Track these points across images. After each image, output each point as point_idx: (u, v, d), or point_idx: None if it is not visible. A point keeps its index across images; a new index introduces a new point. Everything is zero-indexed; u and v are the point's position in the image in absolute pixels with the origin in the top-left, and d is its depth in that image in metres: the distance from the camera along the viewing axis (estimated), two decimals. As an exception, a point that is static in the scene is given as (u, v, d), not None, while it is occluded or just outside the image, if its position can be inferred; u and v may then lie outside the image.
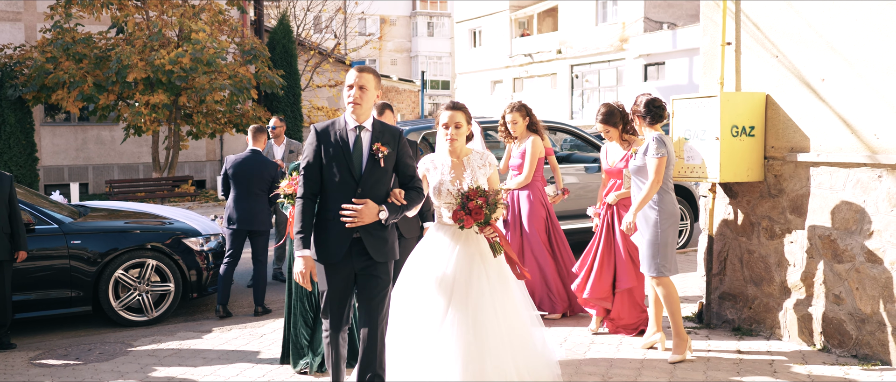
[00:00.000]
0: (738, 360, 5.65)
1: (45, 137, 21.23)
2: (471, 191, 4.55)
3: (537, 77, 37.82)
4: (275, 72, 19.10)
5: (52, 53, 17.37)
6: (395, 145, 4.36)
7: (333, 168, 4.25)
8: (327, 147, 4.28)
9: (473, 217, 4.51)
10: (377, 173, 4.28)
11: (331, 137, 4.30)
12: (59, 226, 7.37)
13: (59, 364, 6.19)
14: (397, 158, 4.38)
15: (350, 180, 4.24)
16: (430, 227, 4.88)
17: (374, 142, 4.29)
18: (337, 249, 4.28)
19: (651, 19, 30.83)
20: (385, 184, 4.34)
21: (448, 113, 4.72)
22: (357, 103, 4.28)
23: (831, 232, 5.70)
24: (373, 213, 4.21)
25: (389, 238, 4.40)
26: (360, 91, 4.28)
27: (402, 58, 54.86)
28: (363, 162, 4.27)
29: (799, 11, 5.84)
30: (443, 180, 4.68)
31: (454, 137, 4.69)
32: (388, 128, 4.40)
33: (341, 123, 4.34)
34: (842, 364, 5.49)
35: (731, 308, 6.50)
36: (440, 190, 4.67)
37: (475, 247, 4.67)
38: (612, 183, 6.43)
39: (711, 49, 6.49)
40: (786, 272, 6.04)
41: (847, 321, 5.63)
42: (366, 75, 4.32)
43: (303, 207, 4.28)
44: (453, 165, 4.74)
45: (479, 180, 4.73)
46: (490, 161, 4.80)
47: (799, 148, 5.91)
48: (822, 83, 5.72)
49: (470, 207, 4.49)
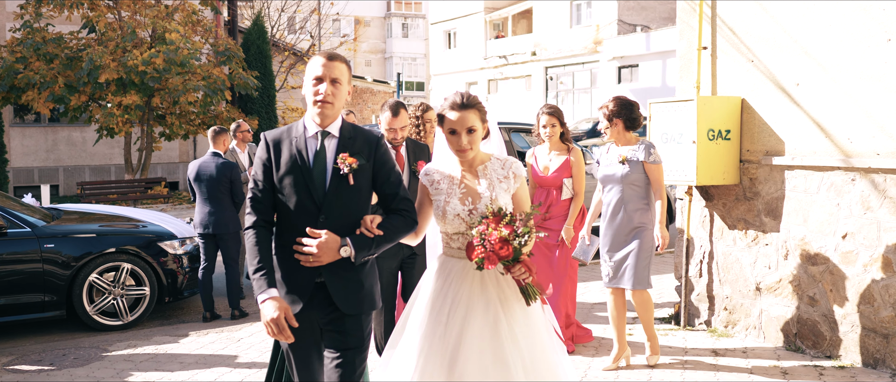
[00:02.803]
0: (714, 361, 5.71)
1: (15, 138, 20.93)
2: (491, 216, 3.22)
3: (512, 79, 37.96)
4: (249, 73, 18.99)
5: (21, 53, 17.13)
6: (369, 154, 3.26)
7: (288, 189, 3.21)
8: (280, 161, 3.24)
9: (498, 255, 3.14)
10: (346, 194, 3.20)
11: (285, 148, 3.25)
12: (31, 229, 7.27)
13: (32, 370, 6.10)
14: (374, 171, 3.28)
15: (310, 204, 3.18)
16: (436, 257, 3.57)
17: (340, 152, 3.21)
18: (296, 294, 3.23)
19: (625, 22, 31.07)
20: (358, 207, 3.25)
21: (456, 114, 3.33)
22: (327, 102, 3.19)
23: (806, 235, 5.78)
24: (332, 249, 3.10)
25: (366, 281, 3.28)
26: (333, 86, 3.21)
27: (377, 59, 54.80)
28: (326, 179, 3.20)
29: (774, 16, 5.92)
30: (449, 199, 3.38)
31: (466, 147, 3.34)
32: (362, 132, 3.31)
33: (299, 128, 3.28)
34: (816, 364, 5.57)
35: (707, 310, 6.56)
36: (446, 213, 3.35)
37: (496, 291, 3.36)
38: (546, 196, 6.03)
39: (688, 53, 6.55)
40: (761, 274, 6.11)
41: (821, 322, 5.71)
42: (338, 65, 3.23)
43: (255, 238, 3.24)
44: (464, 177, 3.42)
45: (500, 198, 3.37)
46: (515, 171, 3.44)
47: (774, 152, 5.99)
48: (797, 87, 5.80)
49: (491, 240, 3.16)
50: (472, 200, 3.38)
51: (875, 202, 5.33)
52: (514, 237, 3.16)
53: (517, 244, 3.16)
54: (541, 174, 6.06)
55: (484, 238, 3.18)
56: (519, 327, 3.33)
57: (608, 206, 5.53)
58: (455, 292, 3.39)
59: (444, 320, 3.36)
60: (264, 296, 3.17)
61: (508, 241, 3.16)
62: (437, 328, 3.37)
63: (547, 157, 6.10)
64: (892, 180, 5.22)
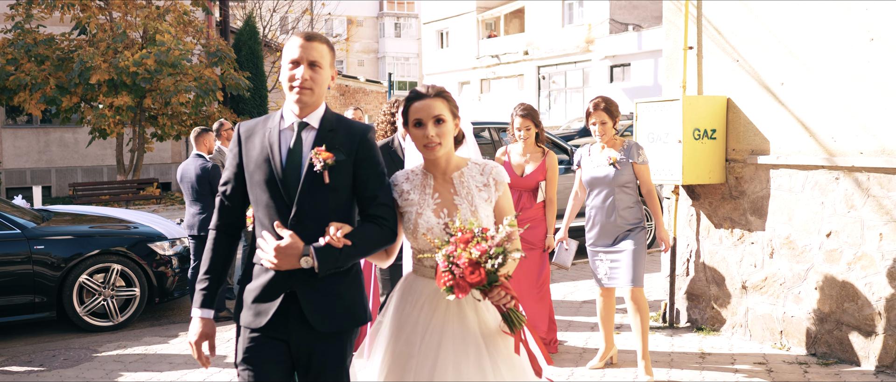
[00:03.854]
0: (700, 359, 5.75)
1: (7, 139, 20.89)
2: (463, 233, 2.71)
3: (504, 78, 38.00)
4: (241, 74, 18.98)
5: (13, 55, 17.09)
6: (350, 149, 2.83)
7: (258, 186, 2.85)
8: (251, 154, 2.88)
9: (469, 282, 2.64)
10: (321, 194, 2.79)
11: (257, 140, 2.89)
12: (21, 231, 7.27)
13: (22, 371, 6.12)
14: (356, 169, 2.85)
15: (281, 205, 2.80)
16: (405, 276, 3.11)
17: (317, 145, 2.82)
18: (262, 304, 2.82)
19: (616, 21, 31.14)
20: (339, 209, 2.83)
21: (420, 103, 2.92)
22: (306, 88, 2.80)
23: (791, 233, 5.82)
24: (292, 256, 2.70)
25: (346, 293, 2.85)
26: (312, 70, 2.80)
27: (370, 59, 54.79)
28: (300, 175, 2.80)
29: (759, 16, 5.96)
30: (421, 211, 2.92)
31: (434, 140, 2.88)
32: (346, 124, 2.91)
33: (275, 119, 2.91)
34: (801, 362, 5.62)
35: (694, 308, 6.61)
36: (417, 227, 2.90)
37: (476, 319, 2.88)
38: (518, 199, 5.83)
39: (674, 53, 6.60)
40: (747, 273, 6.16)
41: (806, 319, 5.76)
42: (317, 46, 2.82)
43: (210, 243, 2.93)
44: (438, 186, 2.96)
45: (481, 208, 2.92)
46: (496, 176, 2.99)
47: (759, 151, 6.03)
48: (782, 87, 5.85)
49: (462, 264, 2.64)
50: (448, 212, 2.90)
51: (859, 201, 5.38)
52: (486, 259, 2.64)
53: (491, 266, 2.63)
54: (516, 175, 5.84)
55: (451, 262, 2.66)
56: (504, 363, 2.84)
57: (597, 208, 5.40)
58: (427, 320, 2.88)
59: (414, 353, 2.85)
60: (194, 313, 2.92)
61: (480, 264, 2.63)
62: (408, 364, 2.87)
63: (522, 157, 5.89)
64: (876, 179, 5.28)
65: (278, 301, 2.80)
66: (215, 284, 2.93)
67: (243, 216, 2.99)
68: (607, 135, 5.37)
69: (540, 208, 5.90)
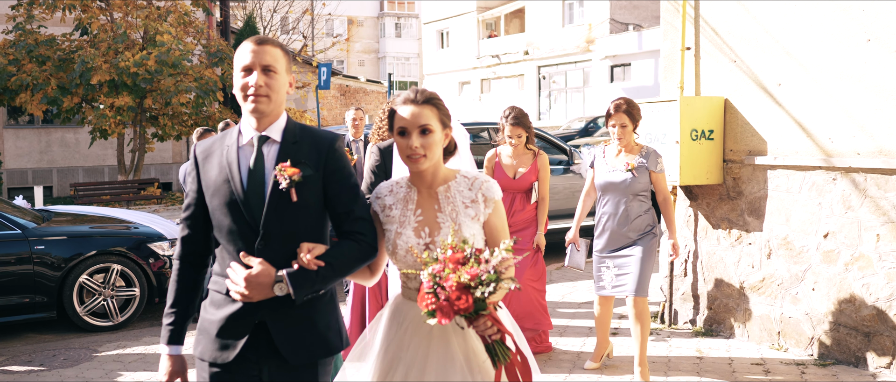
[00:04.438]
0: (698, 360, 5.77)
1: (9, 139, 20.93)
2: (451, 253, 2.45)
3: (505, 78, 38.03)
4: (241, 74, 18.98)
5: (14, 55, 17.13)
6: (318, 161, 2.60)
7: (219, 210, 2.62)
8: (210, 176, 2.65)
9: (454, 307, 2.39)
10: (289, 214, 2.57)
11: (215, 160, 2.66)
12: (22, 231, 7.30)
13: (23, 371, 6.14)
14: (325, 184, 2.61)
15: (245, 228, 2.57)
16: (393, 298, 2.89)
17: (281, 160, 2.58)
18: (229, 338, 2.62)
19: (617, 21, 31.16)
20: (309, 228, 2.61)
21: (406, 110, 2.66)
22: (261, 95, 2.56)
23: (788, 234, 5.84)
24: (264, 284, 2.50)
25: (320, 320, 2.64)
26: (266, 75, 2.57)
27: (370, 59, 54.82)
28: (265, 195, 2.57)
29: (756, 17, 5.98)
30: (401, 229, 2.69)
31: (418, 151, 2.63)
32: (311, 134, 2.67)
33: (233, 135, 2.68)
34: (799, 363, 5.64)
35: (692, 309, 6.63)
36: (397, 247, 2.68)
37: (462, 347, 2.64)
38: (511, 201, 5.79)
39: (672, 53, 6.62)
40: (745, 273, 6.18)
41: (803, 320, 5.77)
42: (271, 50, 2.59)
43: (175, 275, 2.74)
44: (421, 201, 2.72)
45: (466, 227, 2.66)
46: (486, 192, 2.71)
47: (757, 151, 6.05)
48: (779, 88, 5.86)
49: (447, 287, 2.40)
50: (430, 231, 2.66)
51: (856, 202, 5.39)
52: (477, 285, 2.37)
53: (480, 294, 2.37)
54: (508, 178, 5.77)
55: (437, 283, 2.40)
56: None
57: (610, 215, 5.24)
58: (408, 344, 2.66)
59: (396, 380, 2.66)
60: (162, 350, 2.72)
61: (469, 289, 2.37)
62: None
63: (512, 159, 5.81)
64: (873, 180, 5.29)
65: (246, 333, 2.59)
66: (182, 318, 2.73)
67: (209, 244, 2.74)
68: (626, 139, 5.15)
69: (533, 209, 5.86)
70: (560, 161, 10.24)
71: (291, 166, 2.55)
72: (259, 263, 2.52)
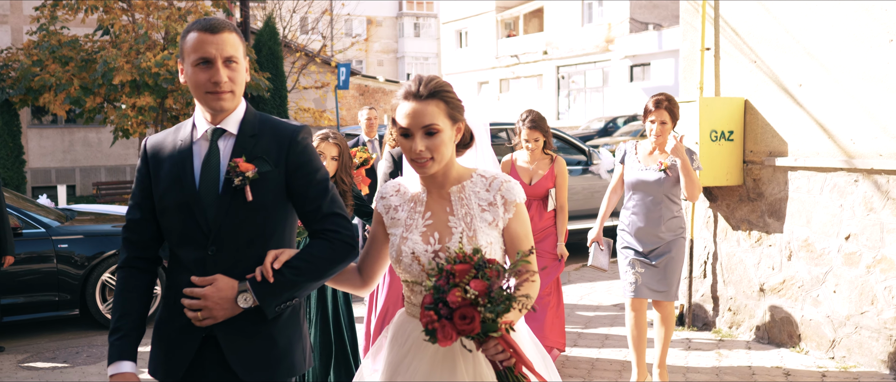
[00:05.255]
0: (717, 361, 5.75)
1: (32, 139, 21.17)
2: (458, 263, 2.10)
3: (523, 78, 37.98)
4: (261, 74, 19.12)
5: (38, 56, 17.34)
6: (279, 155, 2.34)
7: (169, 212, 2.35)
8: (161, 174, 2.37)
9: (457, 328, 2.02)
10: (245, 215, 2.30)
11: (167, 157, 2.38)
12: (46, 230, 7.39)
13: (46, 367, 6.22)
14: (289, 180, 2.35)
15: (196, 233, 2.30)
16: (397, 314, 2.52)
17: (236, 155, 2.32)
18: (178, 356, 2.37)
19: (636, 20, 31.03)
20: (270, 231, 2.34)
21: (407, 107, 2.29)
22: (225, 92, 2.30)
23: (809, 236, 5.81)
24: (227, 298, 2.24)
25: (281, 336, 2.35)
26: (230, 68, 2.31)
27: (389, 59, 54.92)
28: (217, 194, 2.30)
29: (776, 17, 5.95)
30: (407, 234, 2.37)
31: (424, 155, 2.28)
32: (272, 125, 2.40)
33: (186, 129, 2.41)
34: (819, 365, 5.60)
35: (711, 310, 6.60)
36: (401, 254, 2.34)
37: (470, 371, 2.28)
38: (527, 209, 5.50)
39: (691, 54, 6.60)
40: (765, 275, 6.15)
41: (825, 323, 5.74)
42: (229, 37, 2.31)
43: (121, 284, 2.43)
44: (431, 203, 2.40)
45: (481, 234, 2.32)
46: (506, 194, 2.35)
47: (777, 152, 6.02)
48: (800, 88, 5.83)
49: (451, 303, 2.03)
50: (440, 237, 2.32)
51: (878, 204, 5.35)
52: (487, 301, 2.01)
53: (492, 313, 2.00)
54: (524, 184, 5.51)
55: (439, 298, 2.04)
56: None
57: (641, 214, 4.97)
58: (408, 368, 2.34)
59: None
60: (112, 370, 2.34)
61: (477, 306, 2.00)
62: None
63: (529, 164, 5.60)
64: (895, 182, 5.25)
65: (195, 348, 2.32)
66: (134, 333, 2.38)
67: (157, 248, 2.46)
68: (664, 136, 4.89)
69: (551, 217, 5.61)
70: (579, 162, 10.23)
71: (246, 162, 2.31)
72: (217, 278, 2.25)
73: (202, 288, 2.25)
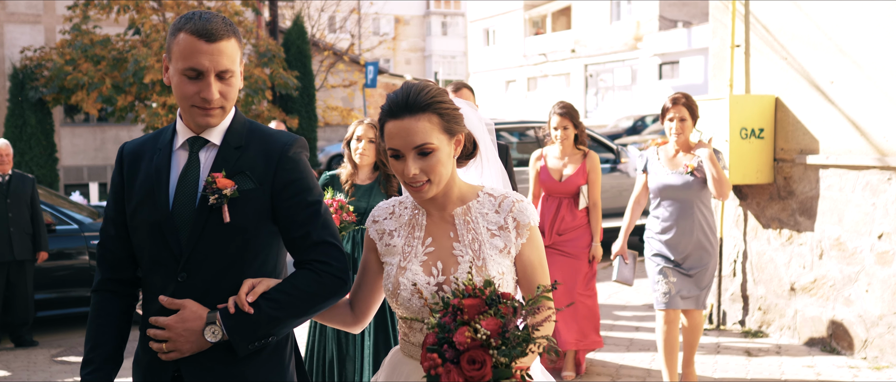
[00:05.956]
0: (747, 361, 5.70)
1: (65, 137, 21.49)
2: (467, 297, 1.81)
3: (551, 76, 37.85)
4: (289, 73, 19.25)
5: (71, 55, 17.60)
6: (265, 172, 2.05)
7: (141, 230, 2.08)
8: (134, 186, 2.11)
9: (465, 372, 1.74)
10: (222, 238, 2.02)
11: (143, 167, 2.11)
12: (78, 226, 7.51)
13: (79, 362, 6.31)
14: (275, 201, 2.06)
15: (166, 253, 2.03)
16: (391, 353, 2.21)
17: (217, 169, 2.04)
18: None
19: (666, 18, 30.79)
20: (250, 258, 2.06)
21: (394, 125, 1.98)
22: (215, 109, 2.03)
23: (841, 234, 5.74)
24: (193, 330, 1.97)
25: (256, 376, 2.06)
26: (222, 82, 2.02)
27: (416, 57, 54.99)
28: (192, 212, 2.02)
29: (808, 14, 5.88)
30: (405, 264, 2.06)
31: (419, 179, 1.97)
32: (261, 136, 2.12)
33: (166, 135, 2.14)
34: (851, 365, 5.53)
35: (740, 310, 6.55)
36: (398, 286, 2.03)
37: None
38: (557, 207, 5.30)
39: (721, 51, 6.54)
40: (795, 274, 6.08)
41: (856, 323, 5.66)
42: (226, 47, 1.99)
43: (94, 309, 2.16)
44: (430, 227, 2.09)
45: (491, 263, 2.01)
46: (518, 215, 2.04)
47: (808, 150, 5.95)
48: (832, 86, 5.76)
49: (459, 344, 1.74)
50: (444, 266, 2.01)
51: (911, 202, 5.28)
52: (500, 343, 1.73)
53: (506, 357, 1.72)
54: (554, 180, 5.32)
55: (445, 338, 1.76)
56: None
57: (671, 222, 4.73)
58: None
59: None
60: None
61: (489, 349, 1.73)
62: None
63: (559, 160, 5.34)
64: (929, 180, 5.17)
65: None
66: (106, 366, 2.11)
67: (135, 268, 2.17)
68: (685, 135, 4.68)
69: (583, 215, 5.35)
70: (607, 160, 10.19)
71: (227, 178, 2.01)
72: (185, 305, 1.98)
73: (163, 319, 1.98)
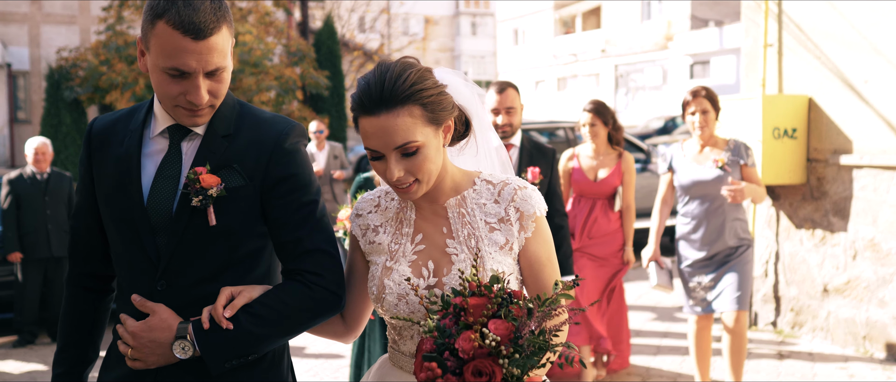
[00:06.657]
0: (779, 363, 5.65)
1: (99, 136, 21.84)
2: (472, 296, 1.55)
3: (581, 76, 37.72)
4: (320, 73, 19.39)
5: (105, 56, 17.87)
6: (256, 167, 1.78)
7: (111, 226, 1.83)
8: (104, 174, 1.83)
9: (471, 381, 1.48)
10: (206, 242, 1.76)
11: (112, 150, 1.82)
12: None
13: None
14: (265, 199, 1.79)
15: (141, 257, 1.78)
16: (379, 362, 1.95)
17: (200, 163, 1.76)
18: None
19: (697, 17, 30.55)
20: (237, 264, 1.80)
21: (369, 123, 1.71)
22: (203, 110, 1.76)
23: (875, 235, 5.67)
24: (161, 342, 1.71)
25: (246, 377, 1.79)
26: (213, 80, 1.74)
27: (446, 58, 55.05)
28: (171, 212, 1.76)
29: (842, 13, 5.82)
30: (391, 263, 1.80)
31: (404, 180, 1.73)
32: (253, 122, 1.83)
33: (140, 115, 1.84)
34: (886, 368, 5.47)
35: (773, 311, 6.49)
36: (383, 289, 1.79)
37: None
38: (590, 209, 5.07)
39: (753, 50, 6.49)
40: (829, 275, 6.02)
41: (891, 324, 5.59)
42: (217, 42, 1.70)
43: (66, 304, 1.95)
44: (420, 222, 1.83)
45: (491, 260, 1.75)
46: (519, 205, 1.78)
47: (842, 150, 5.89)
48: (866, 85, 5.69)
49: (462, 351, 1.48)
50: (436, 266, 1.76)
51: (947, 203, 5.20)
52: (512, 351, 1.48)
53: (518, 368, 1.48)
54: (588, 181, 5.09)
55: (445, 344, 1.51)
56: None
57: (701, 219, 4.54)
58: None
59: None
60: None
61: (498, 358, 1.48)
62: None
63: (593, 160, 5.11)
64: (966, 180, 5.10)
65: None
66: (78, 367, 1.93)
67: (108, 263, 1.92)
68: (709, 127, 4.48)
69: (617, 218, 5.11)
70: (637, 160, 10.15)
71: (211, 173, 1.73)
72: (156, 310, 1.72)
73: (134, 323, 1.73)
